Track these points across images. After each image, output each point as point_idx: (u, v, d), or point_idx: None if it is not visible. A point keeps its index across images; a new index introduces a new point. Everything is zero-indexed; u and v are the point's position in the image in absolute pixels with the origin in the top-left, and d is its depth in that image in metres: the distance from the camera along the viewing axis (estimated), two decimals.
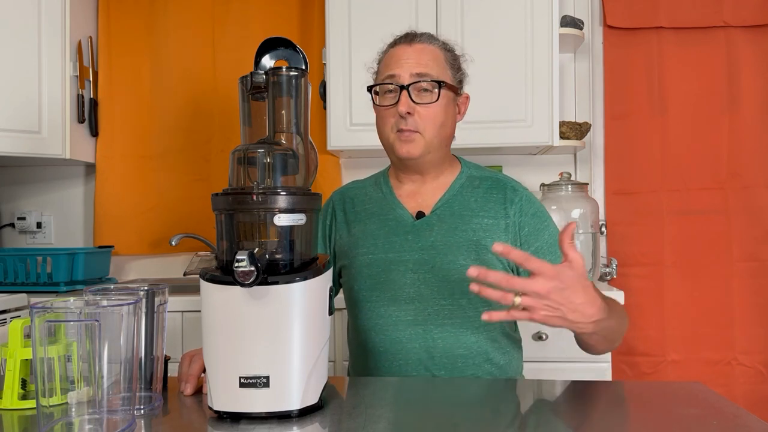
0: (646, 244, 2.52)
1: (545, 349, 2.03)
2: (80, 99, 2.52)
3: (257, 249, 0.84)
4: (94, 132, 2.61)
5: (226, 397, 0.87)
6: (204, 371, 0.94)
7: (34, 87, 2.32)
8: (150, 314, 0.94)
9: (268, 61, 1.07)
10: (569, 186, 2.32)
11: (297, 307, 0.87)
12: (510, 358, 1.31)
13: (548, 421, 0.90)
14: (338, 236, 1.38)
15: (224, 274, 0.87)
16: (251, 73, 0.97)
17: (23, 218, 2.72)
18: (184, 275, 2.49)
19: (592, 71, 2.58)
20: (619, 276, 2.51)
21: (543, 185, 2.40)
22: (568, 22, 2.38)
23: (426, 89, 1.25)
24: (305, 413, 0.88)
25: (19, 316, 2.03)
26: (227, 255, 0.89)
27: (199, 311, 0.90)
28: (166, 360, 1.02)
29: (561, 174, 2.37)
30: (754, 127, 2.50)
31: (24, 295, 2.10)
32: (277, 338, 0.86)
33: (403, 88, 1.24)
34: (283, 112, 0.96)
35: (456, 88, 1.30)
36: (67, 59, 2.41)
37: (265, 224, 0.88)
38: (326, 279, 0.93)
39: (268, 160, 0.90)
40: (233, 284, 0.83)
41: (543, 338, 2.03)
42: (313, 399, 0.89)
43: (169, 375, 1.05)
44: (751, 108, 2.50)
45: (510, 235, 1.27)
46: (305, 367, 0.88)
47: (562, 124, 2.33)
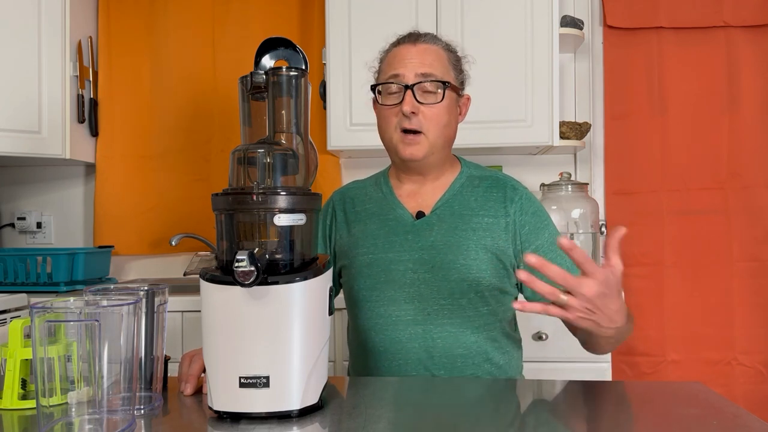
0: (646, 244, 2.52)
1: (545, 349, 2.03)
2: (80, 99, 2.52)
3: (257, 249, 0.84)
4: (94, 132, 2.61)
5: (226, 397, 0.87)
6: (204, 371, 0.94)
7: (34, 87, 2.32)
8: (150, 314, 0.94)
9: (268, 61, 1.07)
10: (569, 186, 2.32)
11: (297, 307, 0.87)
12: (510, 358, 1.31)
13: (548, 421, 0.90)
14: (338, 236, 1.38)
15: (224, 274, 0.87)
16: (251, 73, 0.97)
17: (23, 218, 2.72)
18: (184, 275, 2.49)
19: (592, 71, 2.58)
20: None
21: (543, 185, 2.40)
22: (568, 22, 2.38)
23: (430, 90, 1.24)
24: (305, 413, 0.88)
25: (19, 316, 2.03)
26: (227, 255, 0.89)
27: (199, 311, 0.90)
28: (166, 360, 1.02)
29: (561, 174, 2.37)
30: (754, 127, 2.50)
31: (24, 295, 2.10)
32: (277, 338, 0.86)
33: (407, 87, 1.23)
34: (283, 112, 0.96)
35: (458, 89, 1.30)
36: (67, 59, 2.41)
37: (265, 224, 0.88)
38: (326, 279, 0.93)
39: (268, 160, 0.90)
40: (233, 284, 0.83)
41: (543, 338, 2.03)
42: (313, 399, 0.89)
43: (169, 375, 1.05)
44: (751, 108, 2.50)
45: (510, 234, 1.28)
46: (305, 367, 0.88)
47: (562, 124, 2.33)
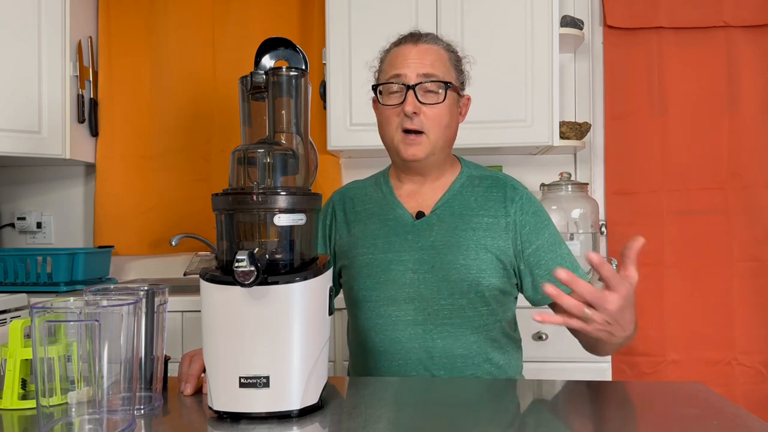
0: (646, 244, 2.50)
1: (545, 349, 2.03)
2: (80, 99, 2.52)
3: (257, 249, 0.84)
4: (94, 132, 2.61)
5: (226, 397, 0.87)
6: (204, 371, 0.94)
7: (34, 87, 2.32)
8: (150, 314, 0.94)
9: (268, 61, 1.07)
10: (569, 186, 2.32)
11: (297, 307, 0.87)
12: (510, 358, 1.31)
13: (548, 421, 0.90)
14: (338, 236, 1.37)
15: (224, 274, 0.87)
16: (251, 73, 0.97)
17: (23, 218, 2.72)
18: (184, 275, 2.49)
19: (592, 71, 2.58)
20: None
21: (543, 185, 2.40)
22: (568, 22, 2.38)
23: (431, 90, 1.24)
24: (305, 413, 0.88)
25: (19, 316, 2.03)
26: (227, 255, 0.89)
27: (199, 311, 0.90)
28: (166, 360, 1.02)
29: (561, 174, 2.37)
30: (754, 127, 2.50)
31: (24, 295, 2.10)
32: (277, 338, 0.86)
33: (409, 87, 1.23)
34: (283, 112, 0.96)
35: (459, 90, 1.30)
36: (67, 59, 2.41)
37: (265, 224, 0.88)
38: (326, 279, 0.93)
39: (268, 160, 0.90)
40: (233, 284, 0.83)
41: (543, 338, 2.03)
42: (313, 399, 0.89)
43: (169, 375, 1.05)
44: (751, 108, 2.50)
45: (510, 234, 1.27)
46: (305, 367, 0.88)
47: (562, 124, 2.33)
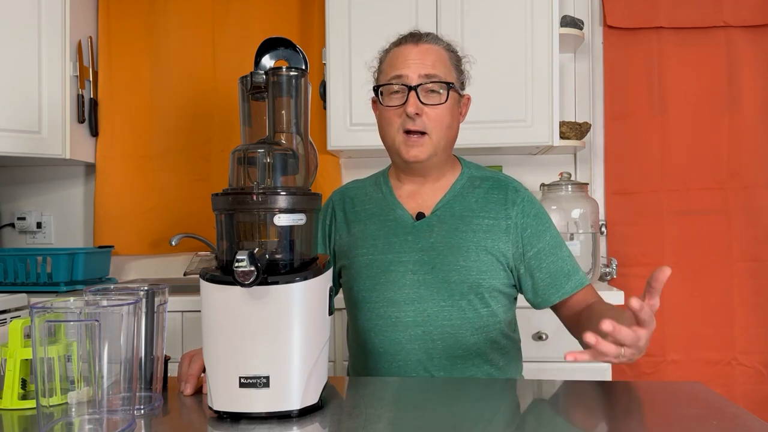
0: (646, 244, 2.52)
1: (545, 349, 2.03)
2: (80, 99, 2.52)
3: (257, 249, 0.84)
4: (94, 132, 2.61)
5: (226, 397, 0.87)
6: (204, 371, 0.94)
7: (34, 87, 2.32)
8: (150, 314, 0.94)
9: (268, 61, 1.07)
10: (569, 186, 2.32)
11: (297, 307, 0.87)
12: (509, 359, 1.30)
13: (548, 421, 0.90)
14: (338, 236, 1.37)
15: (224, 274, 0.87)
16: (251, 73, 0.97)
17: (23, 218, 2.71)
18: (184, 275, 2.49)
19: (592, 71, 2.58)
20: (619, 276, 2.51)
21: (543, 185, 2.40)
22: (568, 22, 2.38)
23: (433, 90, 1.24)
24: (305, 413, 0.88)
25: (19, 316, 2.03)
26: (227, 255, 0.89)
27: (199, 311, 0.90)
28: (166, 360, 1.02)
29: (561, 174, 2.37)
30: (754, 127, 2.50)
31: (24, 295, 2.10)
32: (277, 338, 0.86)
33: (411, 88, 1.22)
34: (283, 112, 0.96)
35: (459, 90, 1.30)
36: (67, 59, 2.41)
37: (265, 224, 0.88)
38: (326, 279, 0.93)
39: (268, 160, 0.90)
40: (233, 284, 0.83)
41: (543, 338, 2.03)
42: (313, 399, 0.89)
43: (169, 375, 1.05)
44: (751, 108, 2.50)
45: (511, 237, 1.27)
46: (305, 367, 0.88)
47: (562, 124, 2.33)
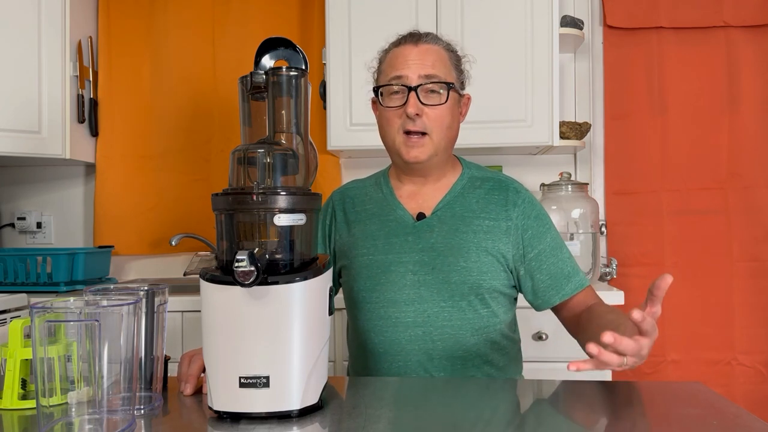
0: (646, 244, 2.52)
1: (545, 349, 2.03)
2: (80, 99, 2.52)
3: (257, 249, 0.84)
4: (94, 132, 2.61)
5: (226, 397, 0.87)
6: (204, 371, 0.94)
7: (34, 87, 2.32)
8: (150, 314, 0.94)
9: (268, 61, 1.07)
10: (569, 186, 2.32)
11: (297, 307, 0.87)
12: (509, 359, 1.30)
13: (548, 421, 0.90)
14: (338, 236, 1.37)
15: (224, 274, 0.87)
16: (251, 73, 0.97)
17: (23, 218, 2.71)
18: (184, 275, 2.49)
19: (592, 71, 2.58)
20: (619, 276, 2.51)
21: (543, 185, 2.40)
22: (568, 22, 2.38)
23: (433, 90, 1.23)
24: (305, 413, 0.88)
25: (19, 316, 2.03)
26: (227, 255, 0.89)
27: (199, 311, 0.90)
28: (166, 360, 1.02)
29: (561, 174, 2.37)
30: (754, 127, 2.50)
31: (24, 295, 2.10)
32: (277, 338, 0.86)
33: (411, 89, 1.22)
34: (283, 112, 0.96)
35: (459, 90, 1.30)
36: (67, 59, 2.41)
37: (265, 224, 0.88)
38: (326, 279, 0.93)
39: (268, 160, 0.90)
40: (233, 284, 0.83)
41: (543, 338, 2.03)
42: (313, 399, 0.89)
43: (169, 375, 1.05)
44: (751, 108, 2.50)
45: (511, 238, 1.27)
46: (305, 367, 0.88)
47: (562, 124, 2.33)
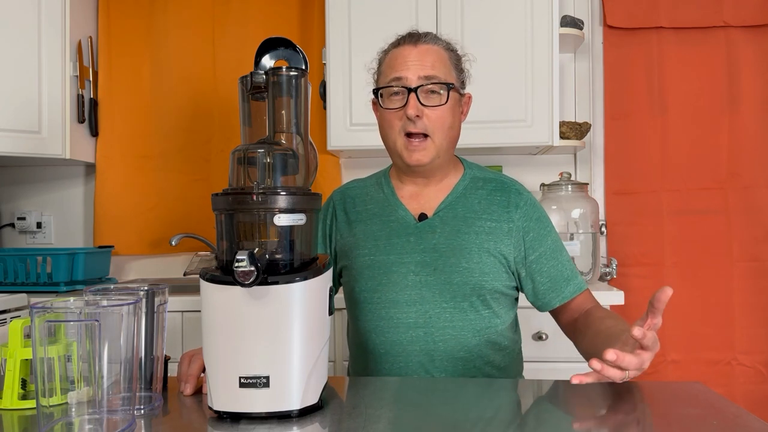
0: (646, 244, 2.52)
1: (545, 349, 2.03)
2: (80, 99, 2.52)
3: (257, 249, 0.84)
4: (94, 132, 2.61)
5: (226, 397, 0.87)
6: (204, 371, 0.94)
7: (34, 87, 2.32)
8: (150, 314, 0.94)
9: (268, 61, 1.07)
10: (569, 186, 2.32)
11: (297, 307, 0.87)
12: (510, 360, 1.30)
13: (548, 421, 0.90)
14: (339, 236, 1.37)
15: (224, 274, 0.87)
16: (251, 73, 0.97)
17: (23, 218, 2.71)
18: (184, 275, 2.49)
19: (592, 71, 2.58)
20: (619, 276, 2.51)
21: (543, 185, 2.40)
22: (568, 22, 2.38)
23: (433, 91, 1.23)
24: (305, 413, 0.88)
25: (19, 316, 2.03)
26: (227, 255, 0.89)
27: (199, 311, 0.90)
28: (166, 360, 1.02)
29: (561, 174, 2.37)
30: (754, 127, 2.50)
31: (24, 295, 2.10)
32: (277, 338, 0.86)
33: (410, 90, 1.21)
34: (283, 112, 0.96)
35: (460, 89, 1.29)
36: (67, 59, 2.41)
37: (265, 224, 0.88)
38: (326, 279, 0.93)
39: (268, 160, 0.90)
40: (233, 284, 0.83)
41: (543, 338, 2.03)
42: (313, 399, 0.89)
43: (169, 375, 1.05)
44: (751, 108, 2.50)
45: (513, 239, 1.27)
46: (305, 367, 0.88)
47: (562, 124, 2.33)
